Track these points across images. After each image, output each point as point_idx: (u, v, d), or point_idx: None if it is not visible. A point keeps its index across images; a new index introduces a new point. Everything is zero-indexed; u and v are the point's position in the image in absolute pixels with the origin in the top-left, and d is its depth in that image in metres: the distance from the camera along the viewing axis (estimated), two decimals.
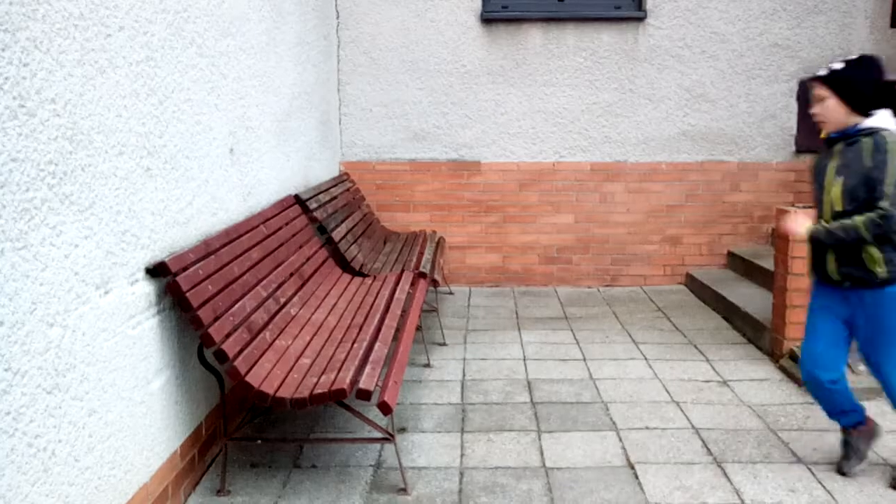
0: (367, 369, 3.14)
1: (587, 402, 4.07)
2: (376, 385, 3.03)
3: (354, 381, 2.99)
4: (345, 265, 4.86)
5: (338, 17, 6.37)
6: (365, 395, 2.92)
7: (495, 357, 4.79)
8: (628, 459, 3.42)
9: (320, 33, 5.86)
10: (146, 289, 2.79)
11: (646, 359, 4.74)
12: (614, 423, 3.81)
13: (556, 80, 6.47)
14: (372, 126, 6.53)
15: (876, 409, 3.89)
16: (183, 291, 2.85)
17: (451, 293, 6.43)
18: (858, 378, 4.11)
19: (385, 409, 2.94)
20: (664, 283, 6.67)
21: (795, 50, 6.38)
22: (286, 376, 3.10)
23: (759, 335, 4.91)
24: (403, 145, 6.55)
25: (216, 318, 2.99)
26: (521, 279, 6.65)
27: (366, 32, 6.40)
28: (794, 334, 4.47)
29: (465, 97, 6.48)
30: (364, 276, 4.79)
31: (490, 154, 6.55)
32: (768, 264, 5.38)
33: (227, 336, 3.00)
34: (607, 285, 6.66)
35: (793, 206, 4.64)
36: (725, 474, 3.28)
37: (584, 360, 4.74)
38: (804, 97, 6.43)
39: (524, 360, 4.75)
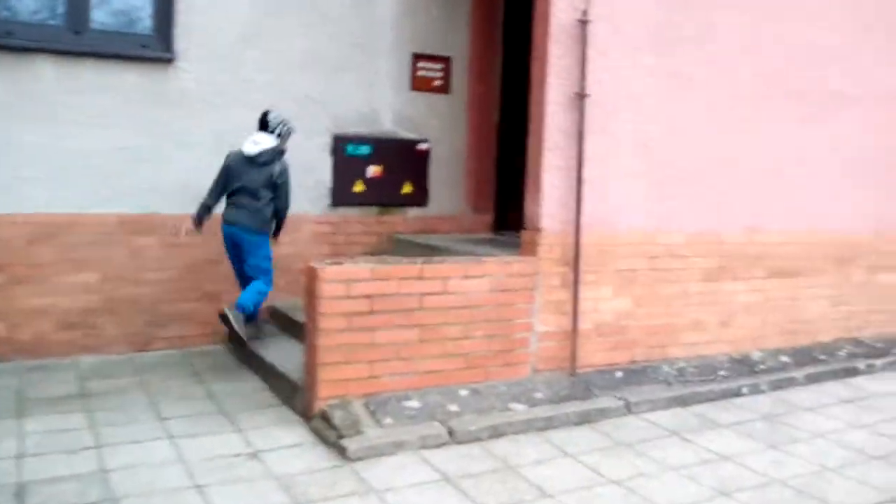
0: None
1: (93, 503, 3.44)
2: None
3: None
4: None
5: None
6: None
7: None
8: None
9: None
10: None
11: (171, 437, 4.24)
12: None
13: (77, 121, 5.69)
14: None
15: (398, 461, 3.94)
16: None
17: None
18: (385, 431, 4.15)
19: None
20: (204, 342, 6.23)
21: (327, 103, 6.52)
22: None
23: (293, 396, 4.75)
24: None
25: None
26: (31, 351, 5.65)
27: None
28: (325, 393, 4.39)
29: None
30: None
31: None
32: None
33: None
34: (141, 350, 6.01)
35: (324, 261, 4.59)
36: None
37: (99, 447, 4.07)
38: (339, 151, 6.61)
39: (19, 457, 3.91)
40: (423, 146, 7.01)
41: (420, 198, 7.05)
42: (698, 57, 5.55)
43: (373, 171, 6.81)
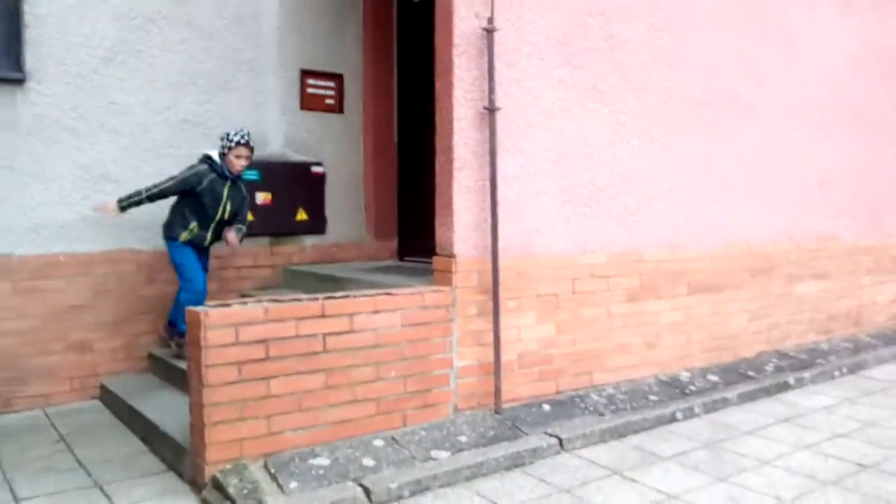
0: None
1: None
2: None
3: None
4: None
5: None
6: None
7: None
8: None
9: None
10: None
11: None
12: None
13: None
14: None
15: None
16: None
17: None
18: (290, 498, 3.54)
19: None
20: (73, 399, 5.42)
21: (209, 127, 5.89)
22: None
23: (179, 460, 4.06)
24: None
25: None
26: None
27: None
28: (216, 457, 3.73)
29: None
30: None
31: None
32: None
33: None
34: None
35: (208, 303, 3.96)
36: None
37: None
38: None
39: None
40: (317, 169, 6.45)
41: (317, 225, 6.47)
42: (608, 69, 5.24)
43: (262, 197, 6.19)
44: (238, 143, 5.14)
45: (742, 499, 3.68)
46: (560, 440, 4.33)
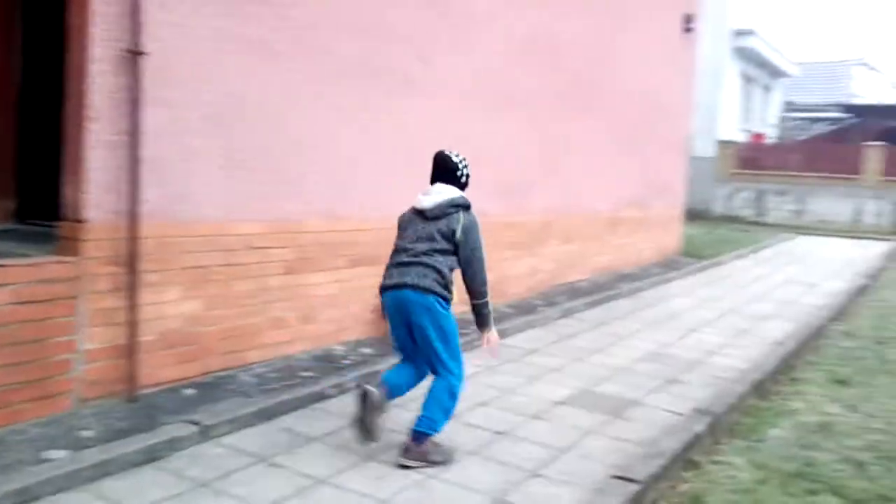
0: None
1: None
2: None
3: None
4: None
5: None
6: None
7: None
8: None
9: None
10: None
11: None
12: None
13: None
14: None
15: None
16: None
17: None
18: None
19: None
20: None
21: None
22: None
23: None
24: None
25: None
26: None
27: None
28: None
29: None
30: None
31: None
32: None
33: None
34: None
35: None
36: None
37: None
38: None
39: None
40: None
41: None
42: (280, 26, 4.91)
43: None
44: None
45: (387, 476, 3.67)
46: (203, 428, 3.96)
